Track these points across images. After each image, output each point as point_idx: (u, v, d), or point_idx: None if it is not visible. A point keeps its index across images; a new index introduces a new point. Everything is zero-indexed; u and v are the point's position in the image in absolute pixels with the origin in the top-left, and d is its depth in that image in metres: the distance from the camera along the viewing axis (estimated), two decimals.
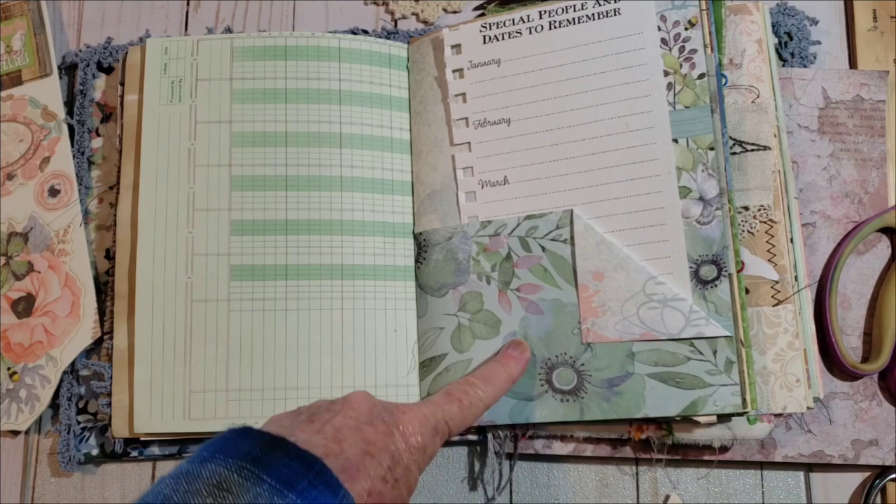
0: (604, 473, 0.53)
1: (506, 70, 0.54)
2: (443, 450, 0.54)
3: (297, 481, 0.31)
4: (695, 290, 0.48)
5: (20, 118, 0.59)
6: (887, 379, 0.52)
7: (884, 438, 0.51)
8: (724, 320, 0.48)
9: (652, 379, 0.48)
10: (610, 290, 0.49)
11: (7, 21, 0.61)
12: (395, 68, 0.56)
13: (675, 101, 0.50)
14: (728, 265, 0.48)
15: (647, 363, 0.48)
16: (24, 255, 0.57)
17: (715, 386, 0.47)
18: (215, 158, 0.55)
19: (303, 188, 0.54)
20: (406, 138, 0.56)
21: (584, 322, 0.50)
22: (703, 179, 0.49)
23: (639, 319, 0.49)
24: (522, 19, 0.54)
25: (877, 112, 0.54)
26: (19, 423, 0.55)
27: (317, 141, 0.54)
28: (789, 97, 0.55)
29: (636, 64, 0.51)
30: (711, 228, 0.49)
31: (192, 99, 0.56)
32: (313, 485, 0.31)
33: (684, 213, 0.49)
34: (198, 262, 0.54)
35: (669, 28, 0.51)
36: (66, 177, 0.58)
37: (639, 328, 0.49)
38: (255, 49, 0.56)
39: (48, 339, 0.55)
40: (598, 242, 0.50)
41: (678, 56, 0.51)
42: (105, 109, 0.60)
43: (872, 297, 0.53)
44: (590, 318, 0.50)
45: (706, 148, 0.49)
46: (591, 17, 0.52)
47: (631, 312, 0.49)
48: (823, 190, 0.54)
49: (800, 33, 0.56)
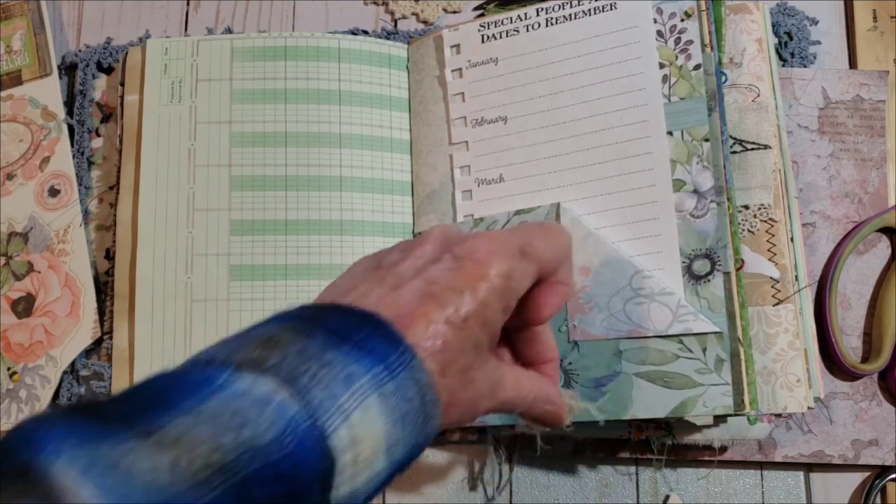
0: (604, 474, 0.53)
1: (503, 68, 0.54)
2: (443, 451, 0.54)
3: (353, 334, 0.29)
4: (687, 286, 0.48)
5: (20, 118, 0.59)
6: (887, 379, 0.51)
7: (884, 438, 0.51)
8: (716, 317, 0.47)
9: (639, 378, 0.47)
10: (597, 285, 0.49)
11: (7, 21, 0.61)
12: (394, 68, 0.57)
13: (671, 93, 0.50)
14: (722, 260, 0.47)
15: (634, 362, 0.48)
16: (23, 256, 0.57)
17: (705, 386, 0.46)
18: (215, 159, 0.55)
19: (302, 188, 0.54)
20: (406, 138, 0.56)
21: (571, 319, 0.49)
22: (697, 172, 0.49)
23: (625, 315, 0.48)
24: (520, 17, 0.54)
25: (877, 112, 0.54)
26: None
27: (316, 141, 0.55)
28: (789, 97, 0.55)
29: (632, 58, 0.51)
30: (705, 222, 0.48)
31: (192, 99, 0.56)
32: (370, 337, 0.30)
33: (678, 206, 0.49)
34: (197, 262, 0.54)
35: (665, 20, 0.51)
36: (65, 177, 0.58)
37: (625, 325, 0.48)
38: (254, 49, 0.56)
39: (48, 339, 0.55)
40: (585, 236, 0.49)
41: (674, 47, 0.50)
42: (105, 110, 0.60)
43: (872, 297, 0.53)
44: (577, 315, 0.49)
45: (701, 140, 0.49)
46: (588, 13, 0.52)
47: (617, 308, 0.48)
48: (823, 190, 0.54)
49: (800, 33, 0.56)
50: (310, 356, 0.28)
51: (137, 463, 0.24)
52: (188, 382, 0.27)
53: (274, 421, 0.26)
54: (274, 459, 0.26)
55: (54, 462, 0.23)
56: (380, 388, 0.29)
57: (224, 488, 0.24)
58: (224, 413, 0.26)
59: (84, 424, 0.25)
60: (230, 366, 0.28)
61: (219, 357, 0.29)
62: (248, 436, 0.26)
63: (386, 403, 0.29)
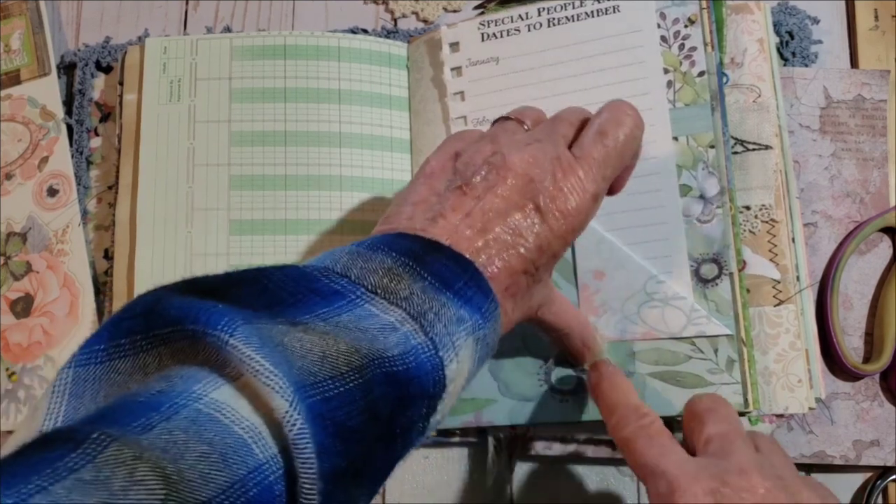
0: (604, 474, 0.53)
1: (504, 68, 0.53)
2: (443, 451, 0.53)
3: (454, 281, 0.33)
4: (695, 289, 0.48)
5: (19, 118, 0.59)
6: (889, 379, 0.51)
7: (885, 439, 0.51)
8: (725, 319, 0.47)
9: (653, 378, 0.48)
10: (610, 289, 0.49)
11: (5, 20, 0.60)
12: (394, 67, 0.56)
13: (675, 99, 0.50)
14: (729, 264, 0.48)
15: (647, 362, 0.48)
16: (22, 256, 0.57)
17: (716, 385, 0.47)
18: (214, 158, 0.55)
19: (302, 188, 0.54)
20: (406, 138, 0.56)
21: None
22: (703, 177, 0.49)
23: (640, 318, 0.48)
24: (521, 17, 0.54)
25: (878, 112, 0.54)
26: (18, 424, 0.55)
27: (316, 140, 0.54)
28: (791, 97, 0.55)
29: (635, 61, 0.51)
30: (712, 227, 0.48)
31: (191, 98, 0.55)
32: (468, 285, 0.33)
33: (685, 211, 0.49)
34: (197, 261, 0.53)
35: (669, 25, 0.51)
36: (64, 176, 0.58)
37: (640, 327, 0.48)
38: (254, 48, 0.56)
39: (47, 340, 0.55)
40: (598, 241, 0.50)
41: (678, 54, 0.50)
42: (104, 109, 0.60)
43: (874, 297, 0.53)
44: (590, 316, 0.49)
45: (706, 146, 0.49)
46: (590, 15, 0.52)
47: (632, 311, 0.49)
48: (825, 190, 0.54)
49: (801, 32, 0.56)
50: (430, 297, 0.32)
51: (295, 345, 0.28)
52: (323, 288, 0.31)
53: (399, 342, 0.30)
54: (395, 370, 0.30)
55: (233, 335, 0.27)
56: (475, 333, 0.33)
57: (356, 384, 0.29)
58: (358, 328, 0.30)
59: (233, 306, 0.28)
60: (361, 286, 0.32)
61: (352, 273, 0.32)
62: (380, 347, 0.30)
63: (475, 346, 0.34)
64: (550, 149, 0.38)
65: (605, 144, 0.39)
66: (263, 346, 0.27)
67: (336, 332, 0.29)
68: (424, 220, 0.36)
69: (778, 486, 0.36)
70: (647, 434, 0.39)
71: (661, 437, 0.39)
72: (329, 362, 0.28)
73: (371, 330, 0.30)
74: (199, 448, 0.24)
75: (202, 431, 0.25)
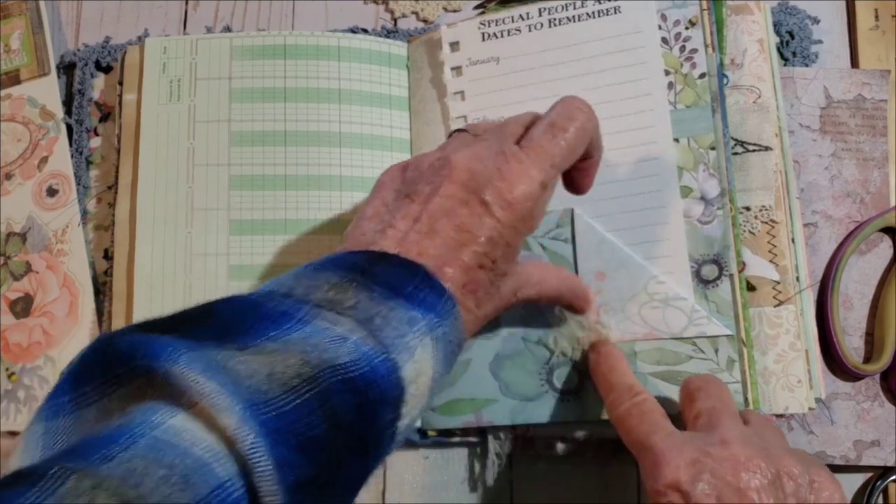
0: (605, 474, 0.53)
1: (505, 68, 0.53)
2: (443, 451, 0.53)
3: (404, 286, 0.34)
4: (696, 290, 0.48)
5: (18, 118, 0.59)
6: (889, 379, 0.51)
7: (885, 439, 0.51)
8: (725, 319, 0.47)
9: (654, 378, 0.48)
10: (612, 289, 0.49)
11: (5, 20, 0.60)
12: (394, 67, 0.56)
13: (676, 101, 0.50)
14: (729, 265, 0.48)
15: (649, 362, 0.48)
16: (22, 256, 0.57)
17: None
18: (214, 158, 0.55)
19: (302, 188, 0.54)
20: (406, 137, 0.56)
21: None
22: (704, 179, 0.49)
23: (641, 319, 0.49)
24: (521, 17, 0.54)
25: (878, 111, 0.54)
26: (18, 425, 0.55)
27: (316, 140, 0.54)
28: (791, 97, 0.55)
29: (636, 62, 0.51)
30: (713, 228, 0.48)
31: (190, 98, 0.55)
32: (419, 288, 0.34)
33: (686, 212, 0.49)
34: (196, 261, 0.53)
35: (670, 27, 0.51)
36: (64, 176, 0.58)
37: (641, 328, 0.49)
38: (254, 48, 0.56)
39: (46, 340, 0.55)
40: (599, 242, 0.50)
41: (679, 55, 0.50)
42: (103, 109, 0.60)
43: (874, 297, 0.53)
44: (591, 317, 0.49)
45: (707, 147, 0.49)
46: (591, 15, 0.52)
47: (633, 312, 0.49)
48: (825, 190, 0.54)
49: (801, 32, 0.56)
50: (377, 303, 0.33)
51: (239, 367, 0.29)
52: (269, 312, 0.32)
53: (351, 350, 0.31)
54: (350, 376, 0.30)
55: (176, 363, 0.27)
56: (432, 332, 0.34)
57: (311, 394, 0.29)
58: (307, 343, 0.30)
59: (180, 339, 0.29)
60: (308, 303, 0.32)
61: (296, 292, 0.33)
62: (330, 357, 0.30)
63: (435, 345, 0.34)
64: (495, 145, 0.38)
65: (554, 135, 0.39)
66: (208, 370, 0.28)
67: (285, 350, 0.30)
68: (374, 234, 0.37)
69: (759, 455, 0.37)
70: (640, 411, 0.42)
71: (653, 413, 0.41)
72: (277, 378, 0.29)
73: (322, 343, 0.31)
74: (159, 472, 0.25)
75: (161, 456, 0.25)
